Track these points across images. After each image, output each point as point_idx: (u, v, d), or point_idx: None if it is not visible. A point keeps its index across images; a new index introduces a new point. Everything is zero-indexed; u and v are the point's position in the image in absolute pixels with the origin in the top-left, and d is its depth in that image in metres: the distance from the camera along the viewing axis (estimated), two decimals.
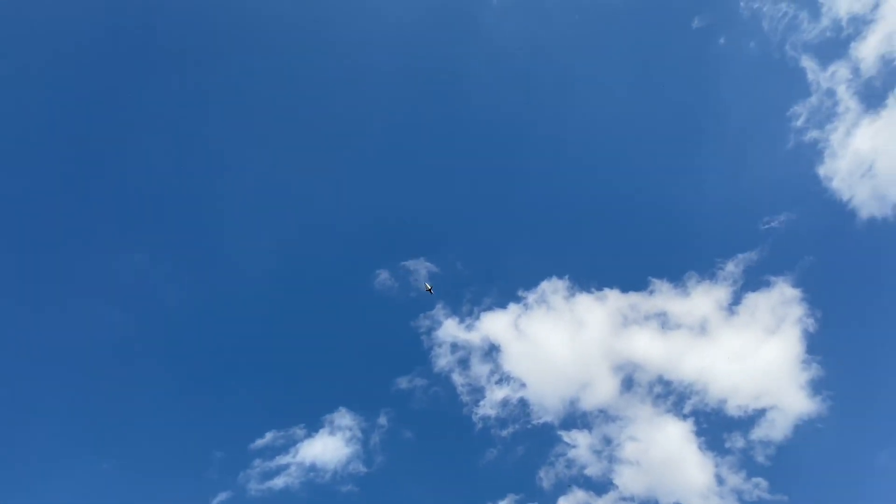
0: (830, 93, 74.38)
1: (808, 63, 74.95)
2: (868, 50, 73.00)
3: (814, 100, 74.79)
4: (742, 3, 77.69)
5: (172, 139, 78.14)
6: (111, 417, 69.59)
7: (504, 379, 72.24)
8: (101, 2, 79.47)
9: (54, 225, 73.73)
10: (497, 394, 71.46)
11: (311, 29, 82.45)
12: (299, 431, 69.66)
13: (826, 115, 74.20)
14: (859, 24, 73.48)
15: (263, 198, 79.52)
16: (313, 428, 70.01)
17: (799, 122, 74.92)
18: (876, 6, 72.88)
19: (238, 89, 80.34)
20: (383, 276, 75.25)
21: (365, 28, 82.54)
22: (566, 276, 74.63)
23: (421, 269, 75.26)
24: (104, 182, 76.04)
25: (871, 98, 72.95)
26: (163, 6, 79.59)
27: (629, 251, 77.92)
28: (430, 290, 71.58)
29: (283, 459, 68.21)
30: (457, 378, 72.17)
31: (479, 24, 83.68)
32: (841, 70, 74.06)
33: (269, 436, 69.10)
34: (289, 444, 69.02)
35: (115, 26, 78.38)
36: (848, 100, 73.65)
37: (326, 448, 69.12)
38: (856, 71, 73.61)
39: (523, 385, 71.82)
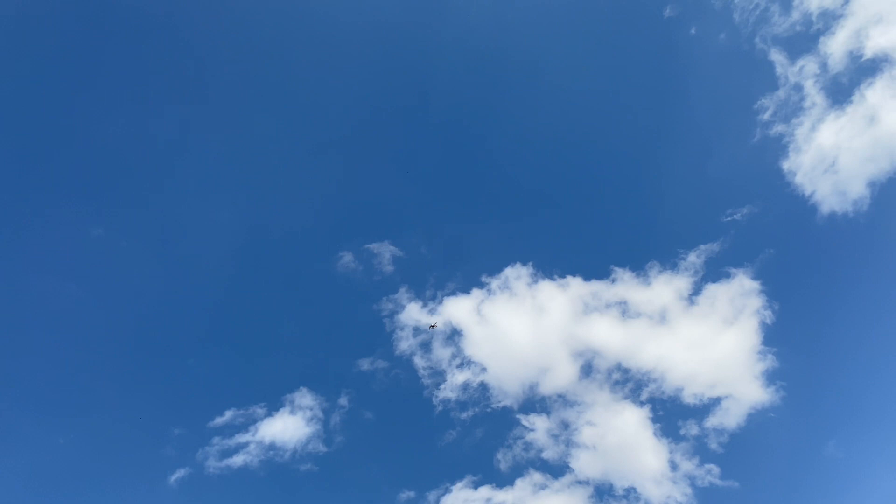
0: (798, 87, 74.96)
1: (777, 56, 75.32)
2: (837, 45, 73.42)
3: (781, 93, 75.39)
4: None
5: (132, 111, 76.59)
6: (68, 392, 69.22)
7: (465, 363, 73.07)
8: None
9: (9, 198, 72.27)
10: (458, 377, 72.30)
11: (274, 4, 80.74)
12: (259, 410, 70.05)
13: (792, 110, 74.84)
14: (829, 19, 73.84)
15: (226, 175, 78.63)
16: (273, 407, 70.42)
17: (766, 116, 75.56)
18: (846, 1, 73.16)
19: (202, 62, 78.62)
20: (347, 258, 75.32)
21: (330, 8, 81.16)
22: (530, 263, 75.33)
23: (385, 252, 75.48)
24: (60, 155, 74.48)
25: (837, 94, 73.65)
26: None
27: (593, 240, 78.96)
28: (433, 327, 71.48)
29: (242, 437, 68.64)
30: (418, 361, 72.85)
31: (447, 8, 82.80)
32: (809, 65, 74.55)
33: (228, 414, 69.37)
34: (248, 423, 69.43)
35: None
36: (815, 95, 74.27)
37: (287, 427, 69.57)
38: (823, 66, 74.14)
39: (484, 369, 72.72)
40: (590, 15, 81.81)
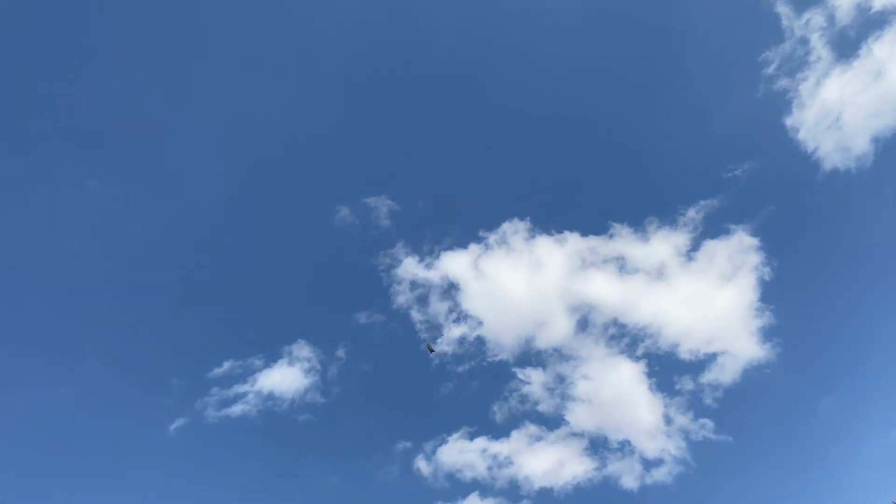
0: (804, 40, 73.40)
1: (782, 9, 73.65)
2: None
3: (786, 47, 73.89)
4: None
5: (124, 62, 75.62)
6: (69, 342, 70.00)
7: (462, 317, 73.31)
8: None
9: (4, 151, 72.06)
10: (455, 331, 72.67)
11: None
12: (257, 362, 70.66)
13: (797, 64, 73.48)
14: None
15: (222, 127, 77.96)
16: (272, 358, 71.01)
17: (770, 70, 74.17)
18: None
19: (196, 10, 77.43)
20: (343, 212, 75.23)
21: None
22: (527, 218, 75.09)
23: (382, 206, 75.33)
24: (54, 108, 73.87)
25: (844, 48, 72.16)
26: None
27: (591, 195, 78.47)
28: (431, 349, 71.22)
29: (240, 388, 69.33)
30: (415, 315, 73.12)
31: None
32: (816, 17, 72.88)
33: (226, 365, 70.01)
34: (247, 374, 70.09)
35: None
36: (820, 49, 72.78)
37: (284, 378, 70.24)
38: (830, 19, 72.50)
39: (480, 323, 72.97)
40: None
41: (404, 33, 79.66)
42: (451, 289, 73.55)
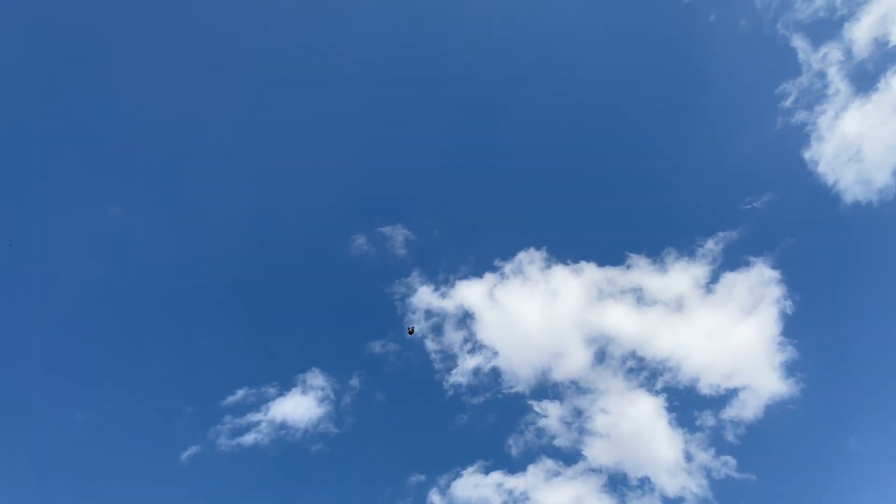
0: (821, 74, 73.64)
1: (799, 43, 74.17)
2: (861, 32, 72.08)
3: (804, 80, 74.11)
4: None
5: (150, 92, 77.88)
6: (86, 368, 70.44)
7: (477, 347, 72.59)
8: None
9: (30, 177, 73.98)
10: (469, 362, 71.86)
11: None
12: (271, 390, 70.30)
13: (815, 97, 73.52)
14: (853, 5, 72.50)
15: (242, 157, 79.60)
16: (285, 387, 70.65)
17: (787, 103, 74.28)
18: None
19: (219, 47, 80.00)
20: (360, 240, 75.54)
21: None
22: (543, 248, 74.80)
23: (398, 235, 75.64)
24: (80, 135, 75.99)
25: (863, 81, 72.22)
26: None
27: (608, 224, 78.21)
28: (412, 331, 71.35)
29: (254, 417, 68.92)
30: (430, 344, 72.61)
31: None
32: (833, 51, 73.22)
33: (240, 393, 69.72)
34: (260, 402, 69.71)
35: None
36: (839, 82, 72.89)
37: (298, 407, 69.74)
38: (848, 53, 72.77)
39: (496, 354, 72.14)
40: (607, 1, 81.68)
41: (422, 64, 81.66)
42: (466, 318, 73.30)
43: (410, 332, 69.39)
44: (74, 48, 76.66)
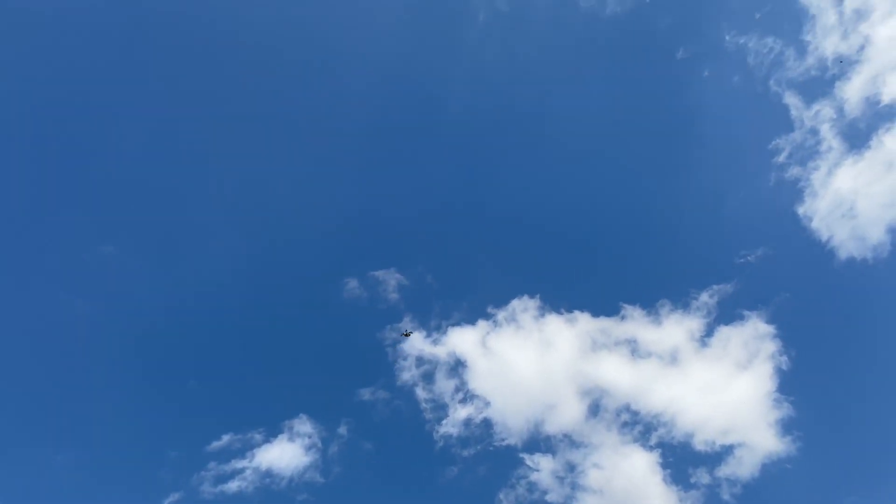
0: (814, 131, 74.65)
1: (792, 100, 75.43)
2: (853, 90, 73.48)
3: (797, 136, 75.06)
4: (727, 37, 78.65)
5: (143, 131, 78.84)
6: (69, 409, 69.04)
7: (469, 397, 71.41)
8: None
9: (23, 214, 74.14)
10: (461, 412, 70.56)
11: (298, 41, 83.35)
12: (258, 436, 68.85)
13: (808, 153, 74.32)
14: (844, 65, 74.01)
15: (236, 199, 79.86)
16: (272, 433, 69.22)
17: (781, 158, 75.04)
18: (861, 48, 73.49)
19: (216, 89, 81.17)
20: (352, 284, 75.08)
21: (351, 39, 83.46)
22: (537, 296, 74.25)
23: (391, 279, 75.11)
24: (74, 173, 76.48)
25: (855, 138, 73.23)
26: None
27: (603, 275, 77.80)
28: (406, 334, 70.96)
29: (238, 463, 67.39)
30: (420, 393, 71.43)
31: (464, 40, 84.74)
32: (825, 109, 74.44)
33: (225, 438, 68.32)
34: (246, 448, 68.22)
35: (88, 23, 78.85)
36: (831, 139, 73.84)
37: (284, 454, 68.21)
38: (840, 110, 73.95)
39: (488, 404, 70.88)
40: (604, 55, 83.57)
41: (416, 109, 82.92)
42: (458, 366, 72.32)
43: (406, 335, 68.86)
44: (71, 84, 77.94)
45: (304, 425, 69.48)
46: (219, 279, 75.65)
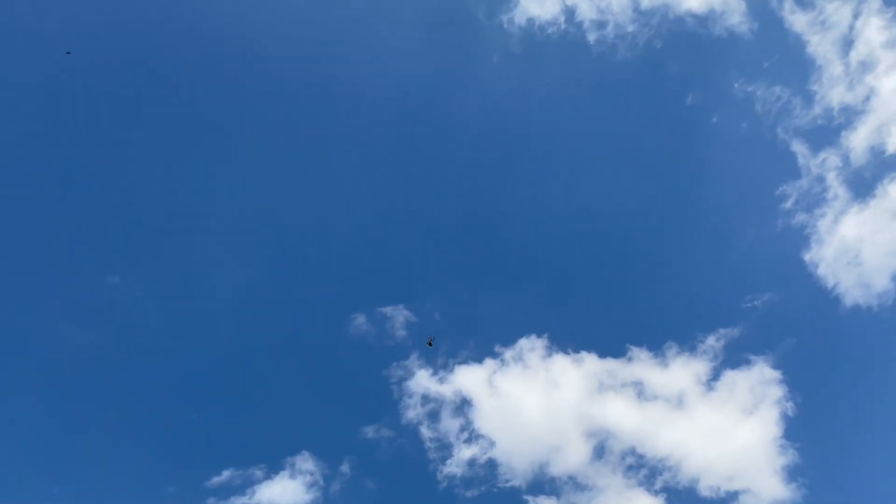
0: (820, 178, 75.45)
1: (799, 147, 76.30)
2: (858, 140, 74.44)
3: (803, 183, 75.78)
4: (736, 85, 79.66)
5: (151, 162, 78.60)
6: (66, 440, 67.81)
7: (474, 437, 70.57)
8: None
9: (25, 243, 73.41)
10: (465, 452, 69.63)
11: (313, 83, 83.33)
12: (258, 472, 67.57)
13: (815, 200, 75.05)
14: (850, 115, 75.23)
15: (241, 231, 79.34)
16: (273, 469, 67.91)
17: (788, 205, 75.67)
18: (867, 98, 74.78)
19: (223, 121, 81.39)
20: (359, 320, 74.33)
21: (365, 79, 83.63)
22: (545, 335, 73.89)
23: (399, 316, 74.41)
24: (77, 203, 76.07)
25: (861, 187, 74.00)
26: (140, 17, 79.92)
27: (610, 316, 77.70)
28: (430, 342, 70.93)
29: (238, 500, 66.04)
30: (425, 432, 70.55)
31: (478, 81, 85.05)
32: (831, 157, 75.31)
33: (226, 474, 67.01)
34: (246, 485, 66.85)
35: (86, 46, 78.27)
36: (837, 187, 74.63)
37: (285, 491, 66.97)
38: (846, 159, 74.89)
39: (493, 444, 70.05)
40: (612, 100, 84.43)
41: (423, 147, 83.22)
42: (463, 405, 71.64)
43: (429, 344, 69.89)
44: (74, 113, 77.97)
45: (306, 462, 68.48)
46: (224, 312, 75.03)
